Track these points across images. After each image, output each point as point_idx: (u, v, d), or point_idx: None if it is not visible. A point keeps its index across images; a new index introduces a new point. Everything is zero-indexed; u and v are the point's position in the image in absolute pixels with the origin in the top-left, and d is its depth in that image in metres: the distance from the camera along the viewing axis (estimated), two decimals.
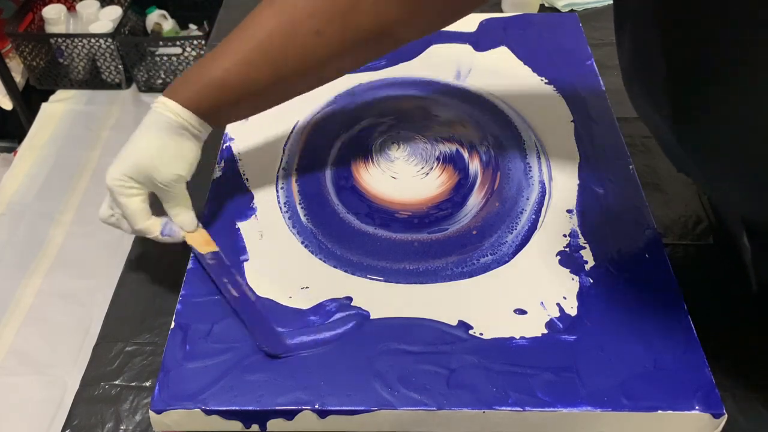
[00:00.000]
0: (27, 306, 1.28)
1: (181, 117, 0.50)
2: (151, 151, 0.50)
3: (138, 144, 0.51)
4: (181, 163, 0.51)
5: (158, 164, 0.50)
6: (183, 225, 0.54)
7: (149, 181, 0.51)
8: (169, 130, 0.50)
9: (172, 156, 0.51)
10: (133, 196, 0.51)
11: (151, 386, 0.52)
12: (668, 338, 0.48)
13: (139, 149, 0.50)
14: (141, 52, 1.70)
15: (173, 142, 0.51)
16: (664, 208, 0.63)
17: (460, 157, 0.63)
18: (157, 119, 0.50)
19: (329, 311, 0.50)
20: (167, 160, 0.50)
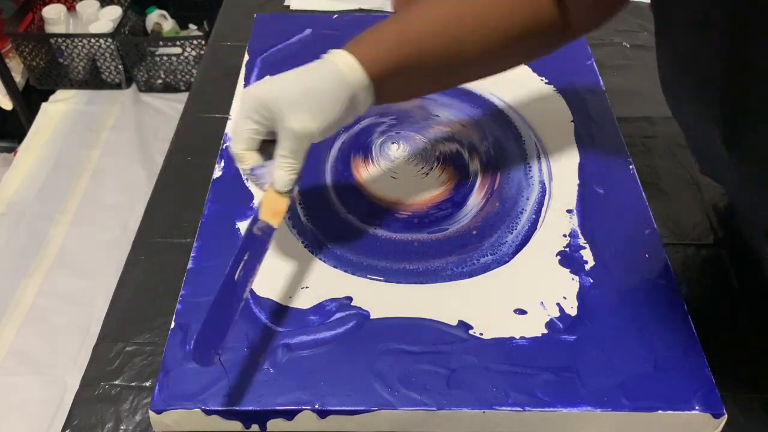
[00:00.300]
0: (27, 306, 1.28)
1: (354, 77, 0.46)
2: (301, 93, 0.45)
3: (292, 81, 0.46)
4: (322, 117, 0.46)
5: (299, 108, 0.45)
6: (277, 181, 0.47)
7: (277, 121, 0.46)
8: (334, 81, 0.46)
9: (318, 107, 0.45)
10: (252, 121, 0.46)
11: (151, 386, 0.52)
12: (668, 338, 0.48)
13: (290, 86, 0.46)
14: (141, 52, 1.69)
15: (330, 95, 0.46)
16: (664, 208, 0.63)
17: (460, 157, 0.62)
18: (329, 70, 0.46)
19: (329, 311, 0.50)
20: (312, 109, 0.45)
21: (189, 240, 0.56)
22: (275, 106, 0.45)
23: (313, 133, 0.46)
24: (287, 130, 0.45)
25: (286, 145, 0.46)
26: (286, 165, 0.47)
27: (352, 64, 0.46)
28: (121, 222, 1.40)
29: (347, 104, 0.46)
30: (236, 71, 0.72)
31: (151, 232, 0.64)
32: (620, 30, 0.86)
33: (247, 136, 0.47)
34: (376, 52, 0.47)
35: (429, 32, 0.49)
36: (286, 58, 0.74)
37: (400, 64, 0.48)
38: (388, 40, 0.48)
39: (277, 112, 0.45)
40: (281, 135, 0.46)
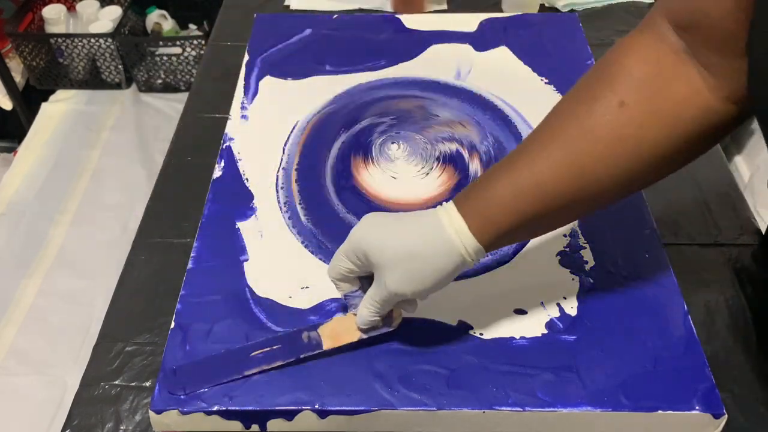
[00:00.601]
0: (27, 306, 1.28)
1: (470, 255, 0.43)
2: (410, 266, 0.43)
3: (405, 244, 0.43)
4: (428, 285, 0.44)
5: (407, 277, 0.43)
6: (359, 316, 0.47)
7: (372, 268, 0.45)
8: (455, 263, 0.43)
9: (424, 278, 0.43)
10: (351, 264, 0.46)
11: (151, 386, 0.52)
12: (668, 338, 0.48)
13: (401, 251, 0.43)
14: (141, 52, 1.69)
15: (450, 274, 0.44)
16: (664, 208, 0.63)
17: (460, 157, 0.62)
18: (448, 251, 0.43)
19: (329, 311, 0.50)
20: (417, 278, 0.43)
21: (189, 240, 0.56)
22: (376, 259, 0.44)
23: (406, 295, 0.44)
24: (383, 283, 0.44)
25: (377, 294, 0.45)
26: (371, 308, 0.46)
27: (464, 232, 0.42)
28: (121, 222, 1.40)
29: (452, 273, 0.44)
30: (236, 71, 0.72)
31: (151, 232, 0.64)
32: (620, 30, 0.86)
33: (343, 272, 0.46)
34: (489, 216, 0.43)
35: (547, 180, 0.42)
36: (286, 58, 0.74)
37: (516, 223, 0.43)
38: (501, 200, 0.42)
39: (377, 265, 0.44)
40: (377, 282, 0.45)
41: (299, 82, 0.71)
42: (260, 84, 0.71)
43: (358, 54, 0.74)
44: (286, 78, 0.72)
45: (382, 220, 0.45)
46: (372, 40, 0.76)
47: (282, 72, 0.72)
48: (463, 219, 0.43)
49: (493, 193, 0.43)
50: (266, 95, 0.69)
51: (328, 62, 0.73)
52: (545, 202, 0.42)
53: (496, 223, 0.42)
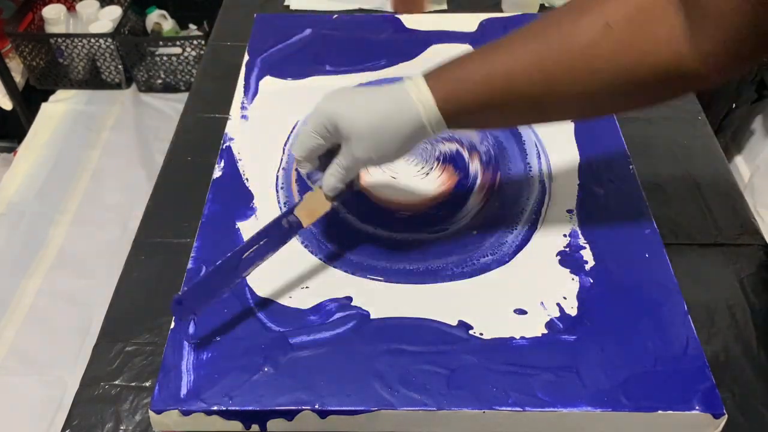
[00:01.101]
0: (27, 306, 1.28)
1: (428, 116, 0.46)
2: (374, 125, 0.46)
3: (366, 107, 0.46)
4: (393, 149, 0.47)
5: (370, 140, 0.46)
6: (325, 185, 0.49)
7: (343, 136, 0.47)
8: (415, 127, 0.46)
9: (388, 141, 0.46)
10: (316, 135, 0.48)
11: (151, 386, 0.52)
12: (668, 338, 0.48)
13: (364, 113, 0.46)
14: (141, 52, 1.69)
15: (413, 138, 0.47)
16: (664, 208, 0.63)
17: (460, 157, 0.62)
18: (406, 108, 0.45)
19: (329, 311, 0.50)
20: (383, 141, 0.46)
21: (189, 240, 0.56)
22: (345, 130, 0.47)
23: (373, 161, 0.48)
24: (350, 152, 0.47)
25: (344, 162, 0.48)
26: (338, 175, 0.49)
27: (429, 103, 0.45)
28: (121, 222, 1.40)
29: (415, 140, 0.47)
30: (236, 71, 0.72)
31: (151, 232, 0.64)
32: None
33: (311, 147, 0.49)
34: (455, 91, 0.45)
35: (517, 71, 0.44)
36: (286, 58, 0.74)
37: (480, 105, 0.45)
38: (470, 79, 0.45)
39: (346, 135, 0.47)
40: (344, 151, 0.48)
41: (299, 82, 0.71)
42: (260, 84, 0.71)
43: (358, 54, 0.74)
44: (286, 78, 0.72)
45: (351, 94, 0.48)
46: (372, 40, 0.76)
47: (282, 72, 0.72)
48: (430, 90, 0.45)
49: (463, 71, 0.46)
50: (266, 95, 0.69)
51: (328, 62, 0.73)
52: (510, 95, 0.45)
53: (460, 99, 0.45)
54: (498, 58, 0.45)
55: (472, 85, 0.45)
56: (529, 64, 0.44)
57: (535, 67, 0.44)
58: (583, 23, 0.43)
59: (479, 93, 0.45)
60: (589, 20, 0.43)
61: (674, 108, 0.74)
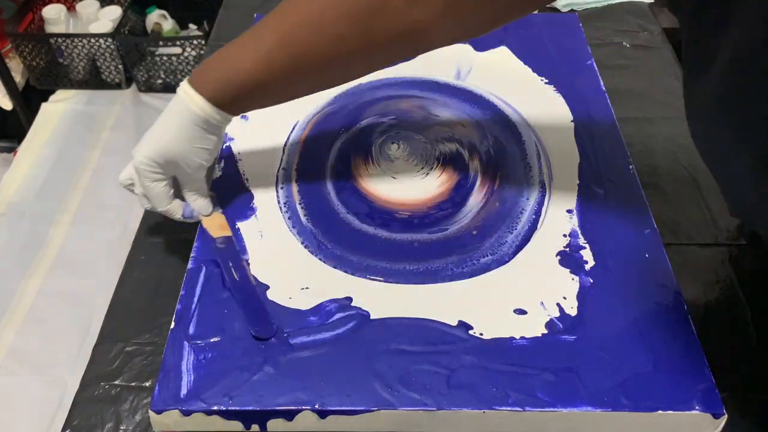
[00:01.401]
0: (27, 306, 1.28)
1: (206, 112, 0.51)
2: (177, 141, 0.52)
3: (164, 133, 0.52)
4: (203, 153, 0.53)
5: (183, 154, 0.52)
6: (200, 209, 0.56)
7: (173, 168, 0.54)
8: (194, 122, 0.51)
9: (196, 147, 0.53)
10: (158, 180, 0.54)
11: (151, 386, 0.52)
12: (668, 338, 0.48)
13: (166, 138, 0.52)
14: (141, 52, 1.69)
15: (198, 134, 0.52)
16: (664, 208, 0.63)
17: (460, 157, 0.62)
18: (183, 111, 0.51)
19: (329, 311, 0.50)
20: (191, 151, 0.53)
21: (189, 240, 0.56)
22: (163, 157, 0.53)
23: (204, 166, 0.54)
24: (186, 173, 0.54)
25: (188, 184, 0.55)
26: (198, 197, 0.56)
27: (199, 102, 0.51)
28: (121, 222, 1.40)
29: (213, 133, 0.53)
30: None
31: (151, 232, 0.64)
32: (620, 30, 0.86)
33: (164, 192, 0.55)
34: (217, 83, 0.51)
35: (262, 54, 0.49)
36: None
37: (246, 89, 0.51)
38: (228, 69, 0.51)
39: (167, 161, 0.53)
40: (182, 179, 0.55)
41: None
42: None
43: None
44: None
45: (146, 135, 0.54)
46: None
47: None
48: (196, 92, 0.51)
49: (220, 63, 0.51)
50: None
51: None
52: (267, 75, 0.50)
53: (225, 90, 0.51)
54: (249, 45, 0.50)
55: (233, 74, 0.50)
56: (276, 43, 0.49)
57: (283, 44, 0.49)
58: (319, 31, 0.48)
59: (239, 80, 0.50)
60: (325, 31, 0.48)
61: (674, 108, 0.74)
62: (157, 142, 0.53)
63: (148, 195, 0.55)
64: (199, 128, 0.52)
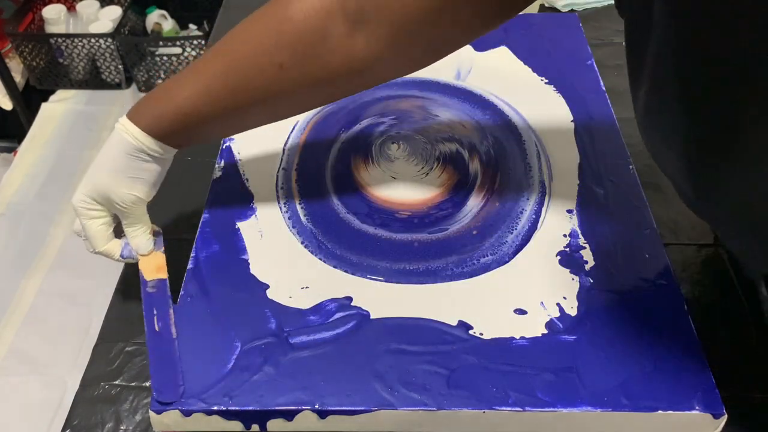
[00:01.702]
0: (27, 306, 1.28)
1: (140, 141, 0.50)
2: (110, 174, 0.50)
3: (99, 166, 0.51)
4: (139, 185, 0.51)
5: (116, 186, 0.50)
6: (138, 247, 0.53)
7: (108, 203, 0.51)
8: (128, 153, 0.50)
9: (130, 178, 0.51)
10: (95, 218, 0.52)
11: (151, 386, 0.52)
12: (668, 338, 0.48)
13: (100, 171, 0.51)
14: (141, 52, 1.70)
15: (132, 164, 0.50)
16: (664, 208, 0.63)
17: (460, 157, 0.63)
18: (118, 142, 0.50)
19: (329, 311, 0.50)
20: (126, 182, 0.51)
21: (189, 240, 0.56)
22: (100, 194, 0.51)
23: (140, 198, 0.52)
24: (121, 207, 0.51)
25: (126, 218, 0.52)
26: (137, 233, 0.53)
27: (134, 131, 0.50)
28: None
29: (154, 163, 0.51)
30: None
31: None
32: (620, 30, 0.86)
33: (100, 231, 0.52)
34: (155, 115, 0.50)
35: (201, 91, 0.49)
36: None
37: (182, 124, 0.50)
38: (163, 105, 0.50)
39: (106, 197, 0.51)
40: (120, 213, 0.52)
41: None
42: None
43: None
44: None
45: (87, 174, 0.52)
46: None
47: None
48: (132, 123, 0.50)
49: (160, 88, 0.51)
50: None
51: None
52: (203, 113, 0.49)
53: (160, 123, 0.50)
54: (189, 77, 0.50)
55: (170, 105, 0.49)
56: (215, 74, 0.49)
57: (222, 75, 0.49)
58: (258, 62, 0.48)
59: (175, 110, 0.49)
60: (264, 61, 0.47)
61: None
62: (91, 176, 0.51)
63: (86, 234, 0.52)
64: (134, 158, 0.50)
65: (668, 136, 0.38)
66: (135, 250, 0.53)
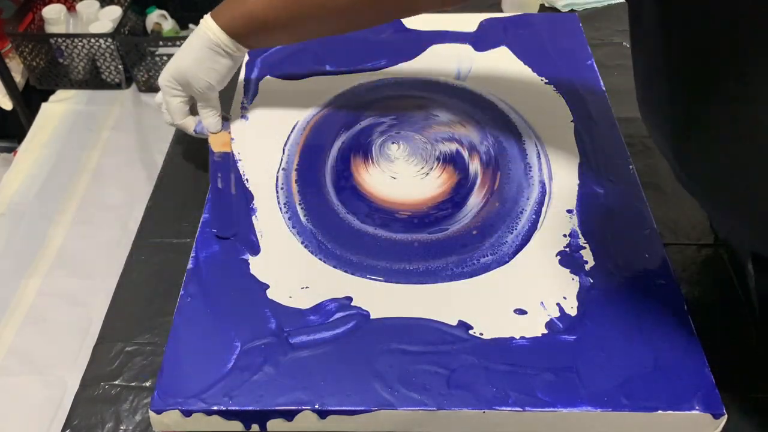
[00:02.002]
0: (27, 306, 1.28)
1: (217, 37, 0.59)
2: (191, 61, 0.60)
3: (183, 54, 0.61)
4: (213, 74, 0.60)
5: (195, 72, 0.60)
6: (208, 126, 0.64)
7: (187, 86, 0.61)
8: (207, 46, 0.59)
9: (207, 67, 0.60)
10: (175, 96, 0.62)
11: (151, 386, 0.52)
12: (668, 338, 0.48)
13: (183, 58, 0.60)
14: (141, 52, 1.70)
15: (209, 56, 0.60)
16: (664, 208, 0.63)
17: (460, 157, 0.63)
18: (200, 35, 0.60)
19: (329, 311, 0.50)
20: (203, 70, 0.60)
21: (189, 240, 0.56)
22: (183, 75, 0.61)
23: (213, 86, 0.61)
24: (197, 91, 0.61)
25: (201, 101, 0.63)
26: (208, 114, 0.64)
27: (214, 28, 0.59)
28: (121, 222, 1.40)
29: (228, 58, 0.60)
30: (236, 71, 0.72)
31: (151, 232, 0.64)
32: (620, 30, 0.86)
33: (179, 107, 0.63)
34: (232, 18, 0.59)
35: None
36: (286, 58, 0.74)
37: (254, 27, 0.58)
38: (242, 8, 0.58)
39: (186, 80, 0.61)
40: (196, 96, 0.63)
41: (299, 82, 0.71)
42: (260, 84, 0.71)
43: (358, 54, 0.74)
44: (286, 78, 0.72)
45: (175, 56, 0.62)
46: (372, 40, 0.77)
47: (282, 72, 0.72)
48: (214, 21, 0.59)
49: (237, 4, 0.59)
50: (266, 95, 0.70)
51: (328, 62, 0.73)
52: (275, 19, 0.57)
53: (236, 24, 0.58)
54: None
55: (243, 9, 0.58)
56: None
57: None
58: None
59: (246, 15, 0.58)
60: None
61: None
62: (174, 62, 0.61)
63: (168, 108, 0.63)
64: (211, 51, 0.59)
65: (657, 108, 0.41)
66: (206, 128, 0.64)
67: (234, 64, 0.61)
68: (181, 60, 0.60)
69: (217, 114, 0.64)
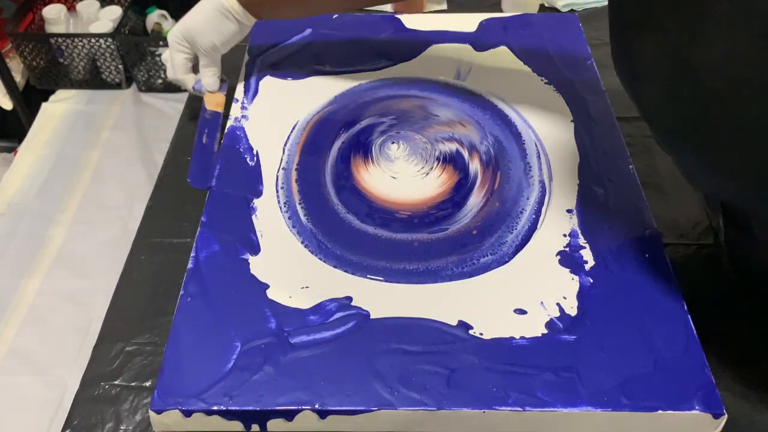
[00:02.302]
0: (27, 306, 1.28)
1: (230, 3, 0.63)
2: (200, 21, 0.64)
3: (194, 13, 0.65)
4: (219, 36, 0.65)
5: (202, 32, 0.65)
6: (206, 85, 0.68)
7: (193, 44, 0.66)
8: (217, 8, 0.64)
9: (213, 29, 0.64)
10: (180, 52, 0.67)
11: (151, 386, 0.52)
12: (668, 338, 0.48)
13: (193, 18, 0.65)
14: (141, 52, 1.69)
15: (218, 18, 0.64)
16: (664, 208, 0.63)
17: (460, 157, 0.63)
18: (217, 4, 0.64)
19: (329, 311, 0.50)
20: (210, 31, 0.64)
21: (189, 240, 0.56)
22: (190, 35, 0.65)
23: (216, 47, 0.66)
24: (201, 50, 0.66)
25: (203, 60, 0.67)
26: (208, 74, 0.68)
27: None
28: (121, 222, 1.40)
29: (230, 21, 0.65)
30: (236, 71, 0.73)
31: (151, 232, 0.64)
32: None
33: (182, 63, 0.68)
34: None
35: None
36: (286, 58, 0.74)
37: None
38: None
39: (192, 39, 0.65)
40: (199, 55, 0.67)
41: (299, 82, 0.71)
42: (260, 84, 0.71)
43: (358, 54, 0.74)
44: (286, 78, 0.72)
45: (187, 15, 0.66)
46: (372, 40, 0.77)
47: (282, 72, 0.72)
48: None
49: None
50: (266, 95, 0.69)
51: (328, 62, 0.73)
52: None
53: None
54: None
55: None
56: None
57: None
58: None
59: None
60: None
61: None
62: (186, 20, 0.65)
63: (172, 63, 0.68)
64: (220, 14, 0.64)
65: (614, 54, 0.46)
66: (204, 87, 0.68)
67: (240, 30, 0.65)
68: (191, 19, 0.65)
69: (217, 75, 0.68)
